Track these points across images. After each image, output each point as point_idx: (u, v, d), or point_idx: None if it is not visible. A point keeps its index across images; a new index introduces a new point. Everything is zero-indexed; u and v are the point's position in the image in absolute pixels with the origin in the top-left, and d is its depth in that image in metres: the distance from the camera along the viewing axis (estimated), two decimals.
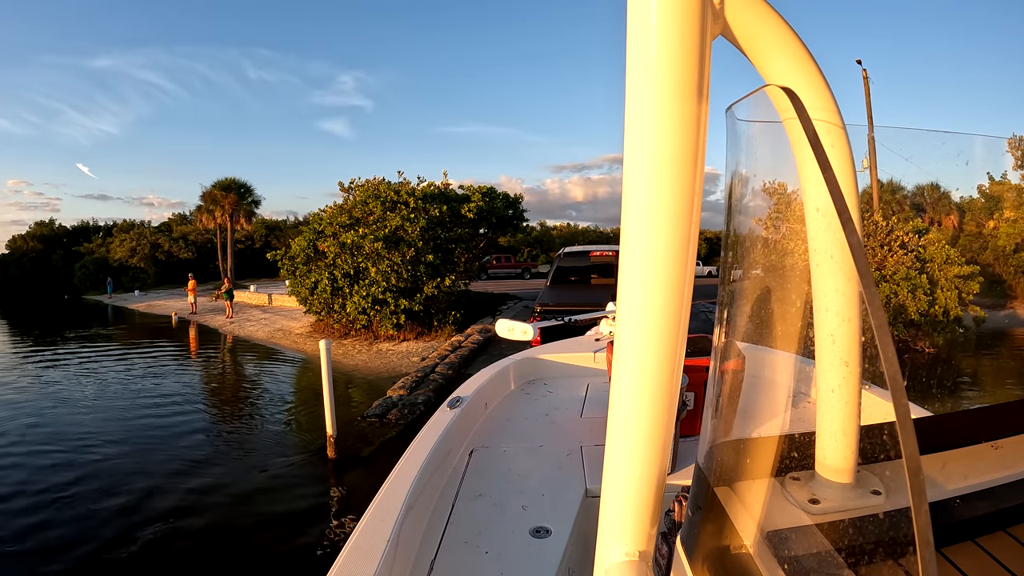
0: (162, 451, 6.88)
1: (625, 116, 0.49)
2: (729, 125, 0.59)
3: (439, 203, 14.29)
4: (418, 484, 1.39)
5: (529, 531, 1.34)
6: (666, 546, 0.75)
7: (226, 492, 5.71)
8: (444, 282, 13.41)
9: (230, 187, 31.25)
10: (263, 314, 19.38)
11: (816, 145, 0.45)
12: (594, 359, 2.76)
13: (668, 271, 0.51)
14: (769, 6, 0.52)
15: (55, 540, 4.70)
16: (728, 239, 0.64)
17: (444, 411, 1.94)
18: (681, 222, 0.50)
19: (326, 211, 14.72)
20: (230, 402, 9.24)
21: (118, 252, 36.78)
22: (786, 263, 0.63)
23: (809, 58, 0.54)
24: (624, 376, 0.57)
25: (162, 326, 19.68)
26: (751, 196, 0.61)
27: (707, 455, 0.66)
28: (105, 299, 31.15)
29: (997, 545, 0.65)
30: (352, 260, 13.07)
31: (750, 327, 0.63)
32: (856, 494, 0.60)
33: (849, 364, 0.58)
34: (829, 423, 0.60)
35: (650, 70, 0.46)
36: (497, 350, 10.34)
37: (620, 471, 0.60)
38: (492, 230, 17.73)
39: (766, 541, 0.56)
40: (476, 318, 15.02)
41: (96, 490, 5.70)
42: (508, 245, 35.23)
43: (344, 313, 13.36)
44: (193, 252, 38.02)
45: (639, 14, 0.46)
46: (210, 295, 24.47)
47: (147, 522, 5.01)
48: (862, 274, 0.40)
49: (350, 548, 1.13)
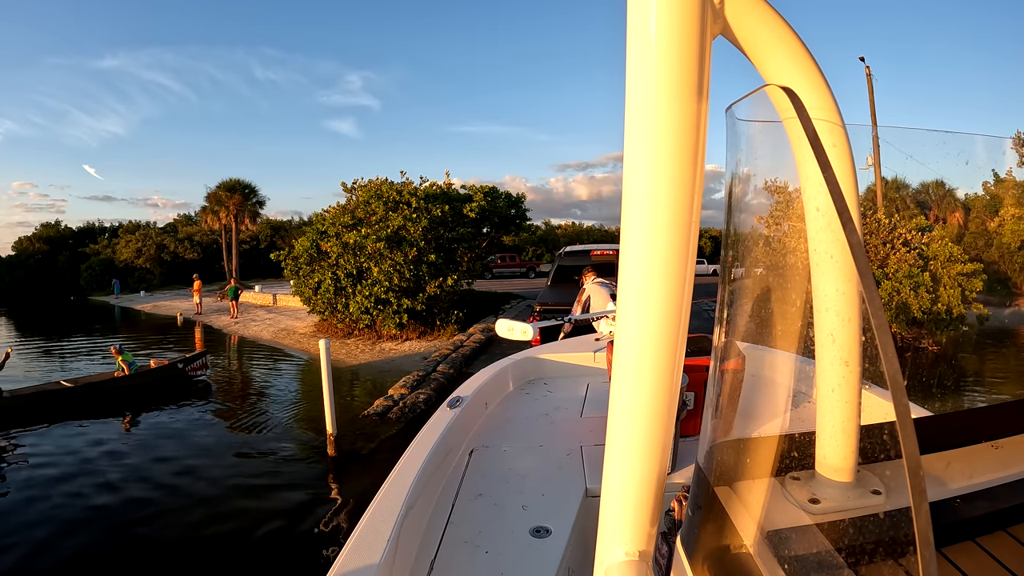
0: (164, 451, 6.94)
1: (625, 116, 0.49)
2: (729, 125, 0.59)
3: (441, 203, 14.29)
4: (418, 484, 1.40)
5: (529, 531, 1.34)
6: (666, 546, 0.75)
7: (223, 486, 5.77)
8: (446, 282, 13.42)
9: (235, 188, 31.30)
10: (268, 314, 19.43)
11: (816, 145, 0.45)
12: (594, 359, 2.76)
13: (668, 272, 0.51)
14: (769, 6, 0.52)
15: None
16: (728, 239, 0.64)
17: (444, 411, 1.95)
18: (681, 223, 0.50)
19: (329, 211, 14.76)
20: (233, 401, 9.28)
21: (124, 253, 36.91)
22: (786, 263, 0.63)
23: (809, 58, 0.54)
24: (624, 376, 0.57)
25: (168, 326, 19.76)
26: (751, 196, 0.61)
27: (707, 455, 0.66)
28: (111, 300, 31.28)
29: (997, 545, 0.64)
30: (355, 260, 13.10)
31: (750, 327, 0.63)
32: (856, 494, 0.60)
33: (849, 364, 0.58)
34: (829, 423, 0.60)
35: (650, 70, 0.46)
36: (499, 349, 10.33)
37: (620, 471, 0.60)
38: (495, 230, 17.73)
39: (766, 541, 0.56)
40: (479, 317, 15.02)
41: (99, 485, 5.78)
42: (512, 244, 35.18)
43: (347, 313, 13.39)
44: (198, 253, 38.12)
45: (639, 14, 0.46)
46: (215, 296, 24.54)
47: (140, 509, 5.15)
48: (862, 274, 0.40)
49: (350, 547, 1.13)
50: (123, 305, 28.27)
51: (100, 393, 9.19)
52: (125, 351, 9.92)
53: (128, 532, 4.92)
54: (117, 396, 9.20)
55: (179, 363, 10.17)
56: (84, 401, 8.92)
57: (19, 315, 27.15)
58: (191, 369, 10.28)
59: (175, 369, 10.04)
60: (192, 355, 10.62)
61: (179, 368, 10.09)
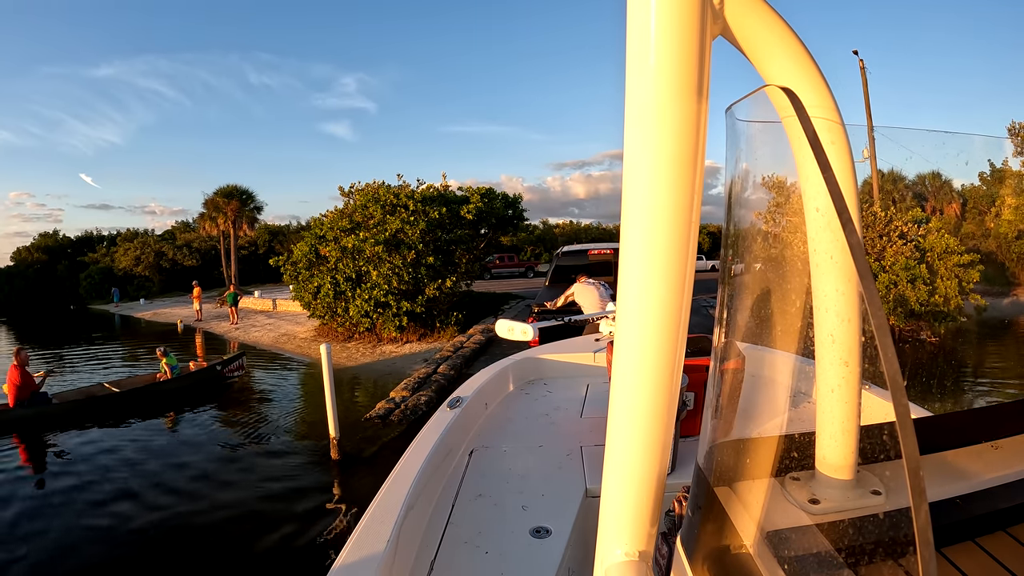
0: (166, 450, 6.95)
1: (625, 117, 0.49)
2: (729, 125, 0.59)
3: (438, 205, 14.29)
4: (418, 484, 1.39)
5: (529, 531, 1.34)
6: (666, 546, 0.75)
7: (226, 489, 5.78)
8: (445, 283, 13.41)
9: (232, 194, 31.29)
10: (268, 319, 19.41)
11: (816, 145, 0.45)
12: (594, 359, 2.76)
13: (668, 273, 0.51)
14: (769, 6, 0.52)
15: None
16: (728, 239, 0.64)
17: (444, 411, 1.94)
18: (681, 224, 0.50)
19: (327, 216, 14.75)
20: (235, 406, 9.27)
21: (123, 261, 36.87)
22: (786, 263, 0.63)
23: (809, 58, 0.54)
24: (624, 376, 0.57)
25: (169, 334, 19.74)
26: (751, 196, 0.61)
27: (707, 455, 0.65)
28: (111, 308, 31.22)
29: (997, 545, 0.64)
30: (353, 264, 13.10)
31: (750, 327, 0.63)
32: (856, 494, 0.60)
33: (849, 364, 0.58)
34: (829, 423, 0.60)
35: (650, 70, 0.46)
36: (499, 350, 10.33)
37: (620, 471, 0.60)
38: (492, 230, 17.72)
39: (766, 541, 0.56)
40: (479, 318, 15.01)
41: (103, 489, 5.79)
42: (511, 244, 35.14)
43: (347, 316, 13.38)
44: (197, 259, 38.08)
45: (639, 14, 0.46)
46: (215, 302, 24.51)
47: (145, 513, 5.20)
48: (862, 274, 0.40)
49: (350, 547, 1.13)
50: (123, 313, 28.24)
51: (145, 396, 9.31)
52: (170, 354, 10.12)
53: (128, 534, 4.93)
54: (161, 399, 9.33)
55: (217, 365, 10.31)
56: (129, 404, 9.04)
57: (19, 325, 27.12)
58: (228, 370, 10.41)
59: (214, 371, 10.15)
60: (230, 357, 10.79)
61: (217, 370, 10.21)
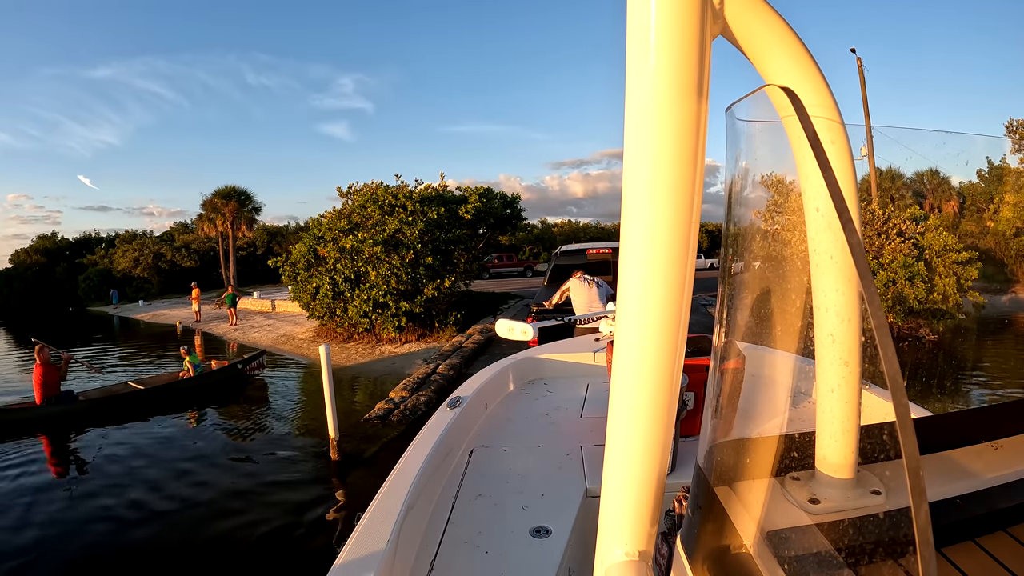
0: (167, 455, 6.95)
1: (625, 116, 0.49)
2: (729, 125, 0.59)
3: (437, 205, 14.28)
4: (418, 484, 1.39)
5: (529, 531, 1.34)
6: (666, 546, 0.75)
7: (227, 491, 5.77)
8: (444, 283, 13.41)
9: (231, 195, 31.26)
10: (267, 320, 19.39)
11: (816, 145, 0.45)
12: (594, 359, 2.76)
13: (668, 273, 0.51)
14: (769, 6, 0.52)
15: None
16: (728, 239, 0.64)
17: (444, 411, 1.94)
18: (681, 224, 0.49)
19: (325, 216, 14.73)
20: (234, 407, 9.26)
21: (121, 263, 36.78)
22: (786, 263, 0.62)
23: (809, 57, 0.54)
24: (624, 376, 0.56)
25: (168, 335, 19.69)
26: (751, 196, 0.61)
27: (707, 455, 0.65)
28: (110, 310, 31.14)
29: (997, 545, 0.64)
30: (352, 264, 13.09)
31: (750, 327, 0.63)
32: (856, 494, 0.60)
33: (849, 364, 0.58)
34: (829, 423, 0.60)
35: (650, 70, 0.46)
36: (498, 350, 10.33)
37: (620, 471, 0.60)
38: (491, 230, 17.72)
39: (766, 541, 0.56)
40: (478, 318, 15.01)
41: (101, 491, 5.78)
42: (509, 244, 35.14)
43: (346, 317, 13.37)
44: (196, 260, 38.02)
45: (639, 13, 0.46)
46: (214, 303, 24.48)
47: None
48: (862, 274, 0.40)
49: (350, 547, 1.13)
50: (122, 315, 28.18)
51: (168, 394, 9.41)
52: (193, 353, 10.29)
53: (127, 535, 4.93)
54: (184, 396, 9.45)
55: (238, 363, 10.43)
56: (153, 401, 9.14)
57: (18, 327, 27.05)
58: (249, 369, 10.53)
59: (235, 370, 10.27)
60: (250, 355, 10.93)
61: (239, 368, 10.32)
